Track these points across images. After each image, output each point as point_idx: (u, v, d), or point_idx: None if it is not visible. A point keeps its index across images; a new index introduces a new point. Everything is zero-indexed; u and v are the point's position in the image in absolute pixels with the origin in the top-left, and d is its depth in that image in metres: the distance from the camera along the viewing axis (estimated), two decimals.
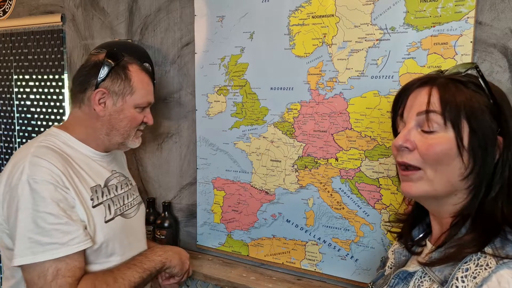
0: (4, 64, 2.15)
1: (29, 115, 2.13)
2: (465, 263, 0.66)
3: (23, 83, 2.12)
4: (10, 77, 2.15)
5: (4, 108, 2.21)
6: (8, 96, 2.19)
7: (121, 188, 1.19)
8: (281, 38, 1.32)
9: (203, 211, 1.55)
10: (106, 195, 1.11)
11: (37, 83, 2.07)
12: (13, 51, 2.10)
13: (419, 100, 0.70)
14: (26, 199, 0.94)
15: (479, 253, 0.65)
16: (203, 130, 1.51)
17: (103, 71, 1.08)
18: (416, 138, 0.70)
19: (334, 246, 1.31)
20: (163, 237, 1.57)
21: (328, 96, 1.26)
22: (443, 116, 0.67)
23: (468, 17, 1.05)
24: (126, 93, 1.11)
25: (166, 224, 1.58)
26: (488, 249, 0.65)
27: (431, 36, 1.10)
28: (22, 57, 2.08)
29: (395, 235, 0.88)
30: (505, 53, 1.05)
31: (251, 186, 1.43)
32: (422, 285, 0.71)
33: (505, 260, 0.62)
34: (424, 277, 0.72)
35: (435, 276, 0.69)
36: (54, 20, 1.89)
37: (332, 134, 1.27)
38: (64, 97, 1.96)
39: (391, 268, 0.86)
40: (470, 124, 0.66)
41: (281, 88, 1.34)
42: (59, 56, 1.94)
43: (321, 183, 1.30)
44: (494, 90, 0.68)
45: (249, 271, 1.44)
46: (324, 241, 1.32)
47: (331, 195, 1.29)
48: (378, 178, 1.21)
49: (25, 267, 0.95)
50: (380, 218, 1.22)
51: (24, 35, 2.04)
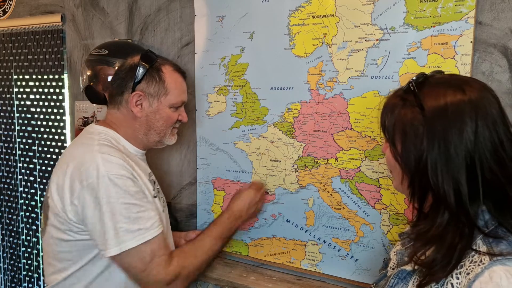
0: (4, 64, 2.16)
1: (29, 115, 2.13)
2: (461, 260, 0.66)
3: (23, 83, 2.12)
4: (10, 77, 2.15)
5: (4, 108, 2.21)
6: (8, 96, 2.19)
7: (157, 185, 1.27)
8: (281, 38, 1.32)
9: (203, 211, 1.55)
10: (156, 188, 1.21)
11: (37, 83, 2.07)
12: (13, 51, 2.10)
13: None
14: (109, 193, 1.02)
15: (473, 251, 0.65)
16: (203, 130, 1.51)
17: (139, 74, 1.14)
18: (386, 146, 0.81)
19: (334, 246, 1.31)
20: None
21: (328, 96, 1.26)
22: (383, 132, 0.78)
23: (468, 17, 1.05)
24: (161, 94, 1.17)
25: None
26: (482, 247, 0.65)
27: (431, 36, 1.10)
28: (22, 57, 2.08)
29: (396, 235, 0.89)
30: (505, 53, 1.05)
31: None
32: None
33: (499, 257, 0.62)
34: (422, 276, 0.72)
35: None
36: (54, 20, 1.89)
37: (332, 134, 1.27)
38: (64, 97, 1.96)
39: (393, 269, 0.86)
40: (401, 139, 0.73)
41: (281, 88, 1.34)
42: (59, 56, 1.94)
43: (321, 183, 1.30)
44: (430, 105, 0.69)
45: (249, 271, 1.44)
46: (324, 241, 1.32)
47: (331, 195, 1.29)
48: (378, 178, 1.21)
49: (123, 255, 1.03)
50: (380, 218, 1.22)
51: (24, 35, 2.04)
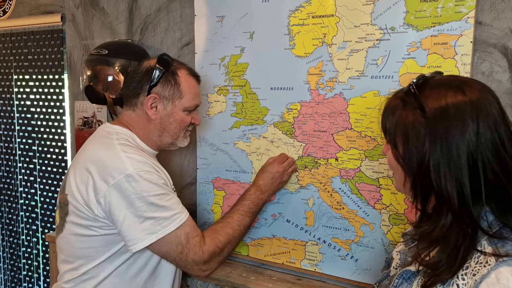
0: (4, 64, 2.16)
1: (29, 115, 2.13)
2: (466, 261, 0.66)
3: (23, 83, 2.12)
4: (10, 77, 2.15)
5: (4, 108, 2.21)
6: (8, 96, 2.19)
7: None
8: (281, 38, 1.32)
9: (203, 211, 1.55)
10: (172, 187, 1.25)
11: (37, 83, 2.07)
12: (13, 51, 2.10)
13: None
14: (141, 189, 1.07)
15: (479, 252, 0.65)
16: (203, 130, 1.51)
17: (155, 77, 1.17)
18: (387, 148, 0.81)
19: (334, 246, 1.31)
20: None
21: (328, 96, 1.26)
22: (384, 134, 0.79)
23: (468, 17, 1.05)
24: (176, 97, 1.20)
25: None
26: (488, 248, 0.65)
27: (431, 36, 1.10)
28: (22, 57, 2.08)
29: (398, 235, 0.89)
30: (505, 53, 1.05)
31: None
32: None
33: (505, 258, 0.62)
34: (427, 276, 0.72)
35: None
36: (54, 20, 1.89)
37: (332, 134, 1.27)
38: (64, 97, 1.96)
39: (396, 269, 0.86)
40: (403, 141, 0.73)
41: (281, 88, 1.34)
42: (59, 56, 1.94)
43: (321, 183, 1.30)
44: (431, 107, 0.69)
45: (249, 271, 1.44)
46: (324, 241, 1.32)
47: (331, 195, 1.29)
48: (378, 178, 1.21)
49: (161, 242, 1.08)
50: (380, 218, 1.22)
51: (24, 35, 2.04)
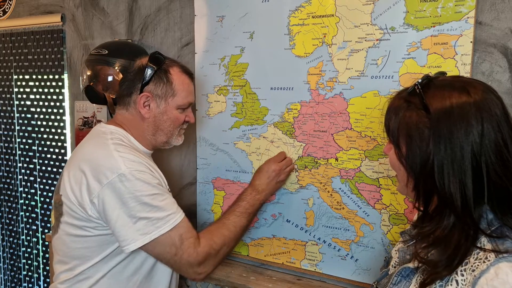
0: (4, 64, 2.16)
1: (29, 115, 2.13)
2: (466, 258, 0.66)
3: (23, 83, 2.12)
4: (10, 77, 2.15)
5: (4, 108, 2.21)
6: (8, 96, 2.19)
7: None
8: (281, 38, 1.32)
9: (203, 211, 1.55)
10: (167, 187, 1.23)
11: (37, 83, 2.07)
12: (13, 51, 2.10)
13: None
14: (134, 188, 1.05)
15: (478, 249, 0.66)
16: (203, 130, 1.51)
17: (147, 76, 1.16)
18: (388, 148, 0.80)
19: (334, 246, 1.31)
20: None
21: (328, 96, 1.26)
22: (387, 134, 0.78)
23: (468, 17, 1.05)
24: (168, 95, 1.19)
25: None
26: (487, 244, 0.66)
27: (431, 36, 1.10)
28: (22, 57, 2.08)
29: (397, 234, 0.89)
30: (505, 53, 1.05)
31: None
32: None
33: (505, 255, 0.62)
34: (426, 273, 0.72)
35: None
36: (54, 20, 1.89)
37: (332, 134, 1.27)
38: (64, 97, 1.96)
39: (395, 267, 0.86)
40: (406, 142, 0.73)
41: (281, 88, 1.34)
42: (59, 56, 1.94)
43: (321, 183, 1.30)
44: (436, 108, 0.69)
45: (249, 271, 1.44)
46: (324, 241, 1.32)
47: (331, 195, 1.29)
48: (378, 178, 1.21)
49: (153, 244, 1.06)
50: (380, 218, 1.22)
51: (24, 35, 2.04)
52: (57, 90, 2.00)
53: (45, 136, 2.09)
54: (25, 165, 2.19)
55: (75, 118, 1.90)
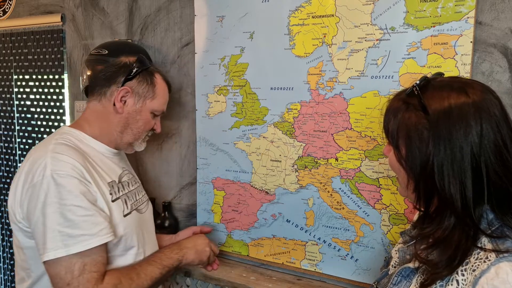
0: (4, 64, 2.15)
1: (29, 115, 2.13)
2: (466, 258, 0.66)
3: (23, 83, 2.12)
4: (10, 77, 2.15)
5: (4, 108, 2.21)
6: (8, 96, 2.19)
7: (132, 185, 1.23)
8: (281, 38, 1.32)
9: (203, 211, 1.55)
10: (122, 191, 1.15)
11: (37, 83, 2.07)
12: (13, 51, 2.10)
13: None
14: (52, 193, 0.95)
15: (478, 249, 0.66)
16: (203, 130, 1.51)
17: (133, 71, 1.15)
18: (388, 150, 0.80)
19: (334, 246, 1.31)
20: None
21: (328, 96, 1.26)
22: (386, 136, 0.78)
23: (468, 17, 1.05)
24: (148, 96, 1.17)
25: (166, 224, 1.58)
26: (488, 244, 0.66)
27: (431, 36, 1.10)
28: (22, 57, 2.08)
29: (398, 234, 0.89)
30: (505, 53, 1.05)
31: (251, 186, 1.43)
32: None
33: (505, 254, 0.62)
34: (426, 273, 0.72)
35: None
36: (54, 20, 1.89)
37: (332, 134, 1.27)
38: (64, 97, 1.96)
39: (395, 267, 0.86)
40: (406, 143, 0.73)
41: (281, 88, 1.34)
42: (59, 56, 1.94)
43: (321, 183, 1.30)
44: (435, 109, 0.69)
45: (249, 271, 1.44)
46: (324, 241, 1.32)
47: (331, 195, 1.29)
48: (378, 178, 1.21)
49: (51, 262, 0.95)
50: (380, 218, 1.22)
51: (24, 35, 2.04)
52: (57, 90, 2.00)
53: (45, 136, 2.09)
54: None
55: (75, 118, 1.90)
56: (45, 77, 2.03)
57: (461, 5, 1.06)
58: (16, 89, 2.15)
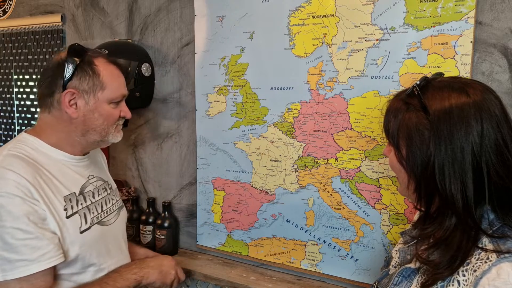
0: (4, 64, 2.15)
1: (29, 115, 2.13)
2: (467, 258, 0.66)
3: (23, 83, 2.12)
4: (10, 77, 2.15)
5: (4, 108, 2.21)
6: (8, 96, 2.19)
7: (99, 194, 1.13)
8: (281, 38, 1.32)
9: (203, 211, 1.55)
10: (82, 204, 1.06)
11: (37, 83, 2.07)
12: (13, 51, 2.10)
13: None
14: None
15: (480, 249, 0.66)
16: (203, 130, 1.51)
17: (68, 70, 1.01)
18: (388, 150, 0.80)
19: (334, 246, 1.31)
20: (163, 237, 1.57)
21: (328, 96, 1.26)
22: (387, 137, 0.78)
23: (468, 17, 1.05)
24: (97, 89, 1.03)
25: (166, 224, 1.58)
26: (489, 245, 0.66)
27: (431, 36, 1.10)
28: (22, 57, 2.08)
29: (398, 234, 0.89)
30: (505, 53, 1.05)
31: (251, 186, 1.43)
32: None
33: (506, 255, 0.62)
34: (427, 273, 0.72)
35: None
36: (54, 20, 1.89)
37: (332, 134, 1.27)
38: None
39: (395, 267, 0.86)
40: (406, 143, 0.72)
41: (281, 88, 1.34)
42: None
43: (321, 183, 1.30)
44: (435, 109, 0.69)
45: (249, 271, 1.44)
46: (324, 241, 1.32)
47: (331, 195, 1.29)
48: (378, 178, 1.21)
49: None
50: (380, 218, 1.22)
51: (24, 35, 2.04)
52: None
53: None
54: None
55: None
56: None
57: (461, 5, 1.06)
58: (16, 89, 2.15)
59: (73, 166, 1.08)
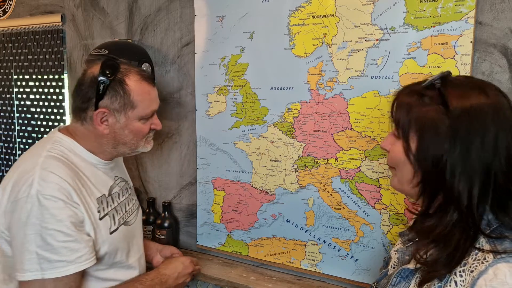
0: (4, 64, 2.15)
1: (29, 115, 2.13)
2: (464, 258, 0.66)
3: (23, 83, 2.12)
4: (10, 77, 2.15)
5: (4, 108, 2.21)
6: (8, 96, 2.19)
7: (123, 195, 1.18)
8: (281, 38, 1.32)
9: (203, 211, 1.55)
10: (111, 205, 1.11)
11: (37, 83, 2.07)
12: (13, 51, 2.10)
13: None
14: (35, 214, 0.93)
15: (477, 250, 0.66)
16: (203, 130, 1.51)
17: (100, 90, 1.03)
18: (391, 142, 0.78)
19: (334, 246, 1.31)
20: (163, 237, 1.57)
21: (328, 96, 1.26)
22: (396, 128, 0.76)
23: (468, 17, 1.05)
24: (127, 108, 1.06)
25: (166, 224, 1.58)
26: (486, 245, 0.66)
27: (431, 36, 1.10)
28: (22, 57, 2.08)
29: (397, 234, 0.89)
30: (505, 53, 1.05)
31: (251, 186, 1.43)
32: None
33: (503, 255, 0.62)
34: None
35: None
36: (54, 20, 1.89)
37: (332, 134, 1.27)
38: (64, 97, 1.96)
39: (394, 268, 0.86)
40: (418, 137, 0.71)
41: (281, 88, 1.34)
42: (59, 56, 1.94)
43: (321, 183, 1.30)
44: (456, 106, 0.67)
45: (249, 271, 1.44)
46: (324, 241, 1.32)
47: (331, 195, 1.29)
48: (378, 178, 1.21)
49: (25, 282, 0.93)
50: (380, 218, 1.22)
51: (24, 35, 2.04)
52: (57, 90, 2.00)
53: (45, 136, 2.09)
54: None
55: None
56: (45, 77, 2.03)
57: (461, 5, 1.06)
58: (16, 89, 2.15)
59: (102, 169, 1.13)
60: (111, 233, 1.07)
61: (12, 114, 2.19)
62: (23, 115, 2.16)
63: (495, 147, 0.66)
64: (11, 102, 2.18)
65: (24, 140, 2.18)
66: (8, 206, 0.97)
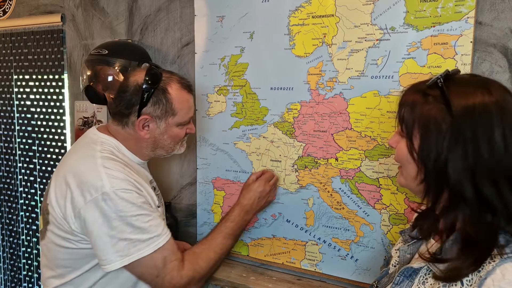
0: (4, 64, 2.15)
1: (29, 115, 2.13)
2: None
3: (23, 83, 2.12)
4: (10, 77, 2.15)
5: (4, 108, 2.21)
6: (8, 96, 2.19)
7: (157, 190, 1.28)
8: (281, 38, 1.32)
9: (203, 211, 1.55)
10: (157, 194, 1.22)
11: (37, 83, 2.07)
12: (13, 51, 2.10)
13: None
14: (118, 208, 1.03)
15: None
16: (203, 130, 1.51)
17: (144, 98, 1.11)
18: (396, 140, 0.80)
19: (334, 246, 1.31)
20: None
21: (328, 96, 1.26)
22: (401, 126, 0.77)
23: (468, 17, 1.05)
24: (168, 115, 1.15)
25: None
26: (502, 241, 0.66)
27: (431, 36, 1.10)
28: (22, 57, 2.08)
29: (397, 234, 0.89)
30: (505, 53, 1.05)
31: None
32: (427, 282, 0.72)
33: (510, 254, 0.63)
34: (429, 273, 0.72)
35: (440, 271, 0.69)
36: (54, 20, 1.89)
37: (332, 134, 1.27)
38: (64, 97, 1.96)
39: (395, 266, 0.86)
40: (421, 134, 0.72)
41: (281, 88, 1.34)
42: (59, 56, 1.94)
43: (321, 183, 1.30)
44: (458, 105, 0.67)
45: (249, 271, 1.44)
46: (324, 241, 1.32)
47: (331, 195, 1.29)
48: (378, 178, 1.21)
49: (135, 264, 1.05)
50: (380, 218, 1.22)
51: (24, 35, 2.04)
52: (57, 90, 2.00)
53: (45, 136, 2.09)
54: (25, 165, 2.19)
55: (75, 118, 1.90)
56: (45, 77, 2.03)
57: (461, 5, 1.06)
58: (16, 89, 2.15)
59: (143, 166, 1.25)
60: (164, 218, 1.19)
61: (12, 114, 2.19)
62: (23, 115, 2.16)
63: (505, 145, 0.65)
64: (11, 102, 2.18)
65: (24, 140, 2.18)
66: (79, 209, 1.04)
